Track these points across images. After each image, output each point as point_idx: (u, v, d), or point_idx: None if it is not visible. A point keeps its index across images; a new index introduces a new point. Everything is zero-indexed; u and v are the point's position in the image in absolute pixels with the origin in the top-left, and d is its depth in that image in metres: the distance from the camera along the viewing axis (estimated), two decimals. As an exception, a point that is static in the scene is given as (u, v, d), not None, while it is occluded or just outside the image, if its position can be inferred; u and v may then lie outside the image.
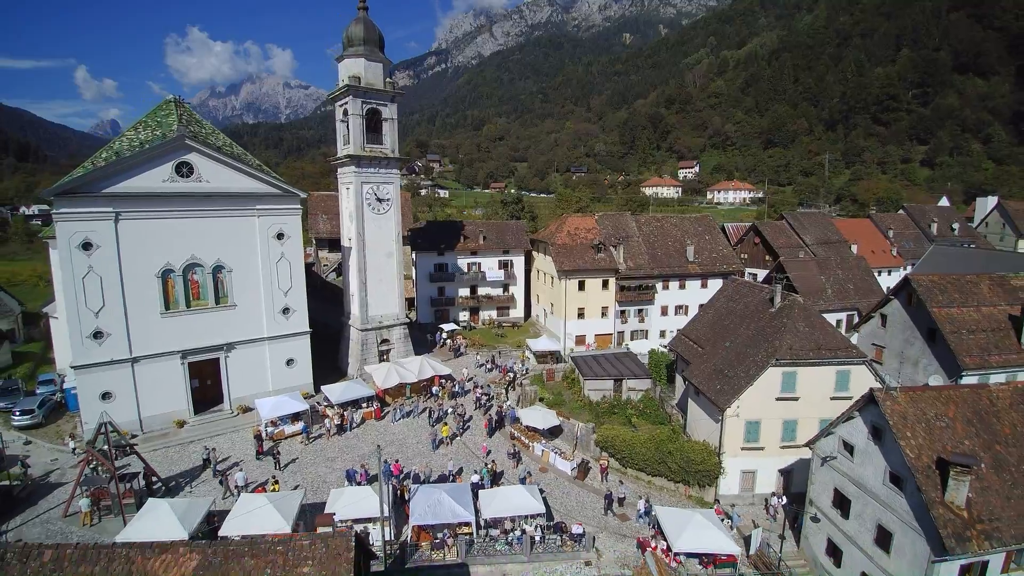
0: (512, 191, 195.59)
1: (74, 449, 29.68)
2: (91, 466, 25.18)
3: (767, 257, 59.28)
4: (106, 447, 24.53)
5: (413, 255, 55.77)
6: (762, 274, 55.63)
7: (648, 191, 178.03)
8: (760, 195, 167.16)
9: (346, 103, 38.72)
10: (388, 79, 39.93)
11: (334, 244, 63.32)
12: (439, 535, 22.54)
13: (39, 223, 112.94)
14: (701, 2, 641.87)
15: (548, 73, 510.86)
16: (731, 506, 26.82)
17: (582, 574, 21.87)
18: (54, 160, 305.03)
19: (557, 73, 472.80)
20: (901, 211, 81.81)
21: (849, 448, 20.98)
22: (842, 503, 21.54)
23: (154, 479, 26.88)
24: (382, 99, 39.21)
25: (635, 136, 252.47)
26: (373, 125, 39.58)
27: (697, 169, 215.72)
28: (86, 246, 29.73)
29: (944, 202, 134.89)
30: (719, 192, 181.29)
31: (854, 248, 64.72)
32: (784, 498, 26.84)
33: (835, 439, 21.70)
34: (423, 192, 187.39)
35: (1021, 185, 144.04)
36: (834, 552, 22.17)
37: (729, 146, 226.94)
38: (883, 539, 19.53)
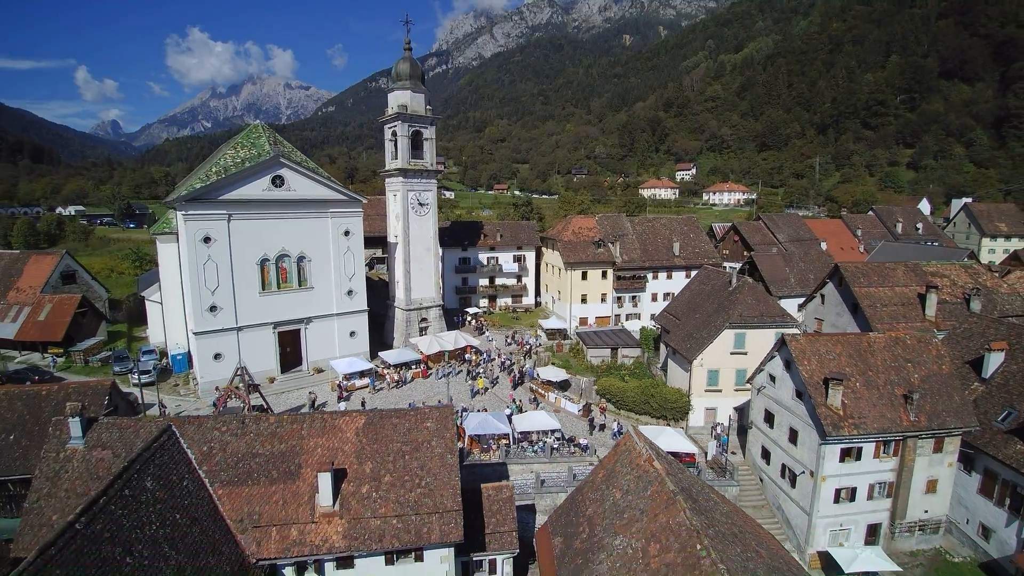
0: (515, 193, 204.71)
1: (217, 387, 38.32)
2: (226, 401, 34.25)
3: (745, 252, 68.28)
4: (241, 385, 33.58)
5: (440, 250, 64.71)
6: (739, 266, 64.60)
7: (646, 193, 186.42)
8: (754, 196, 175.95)
9: (395, 126, 47.82)
10: (427, 106, 49.01)
11: (368, 242, 72.35)
12: (486, 444, 31.64)
13: (84, 222, 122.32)
14: (700, 3, 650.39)
15: (548, 75, 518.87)
16: (681, 426, 35.97)
17: (588, 471, 30.84)
18: (67, 163, 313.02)
19: (557, 75, 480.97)
20: (871, 212, 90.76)
21: (772, 378, 30.05)
22: (769, 418, 30.61)
23: (269, 413, 35.88)
24: (424, 123, 48.39)
25: (634, 138, 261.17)
26: (416, 144, 48.67)
27: (694, 171, 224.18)
28: (206, 240, 38.83)
29: (925, 203, 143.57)
30: (714, 194, 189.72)
31: (823, 245, 73.66)
32: (719, 428, 35.96)
33: (765, 374, 30.77)
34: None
35: (999, 187, 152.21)
36: (765, 455, 31.25)
37: (725, 149, 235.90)
38: (793, 437, 28.61)
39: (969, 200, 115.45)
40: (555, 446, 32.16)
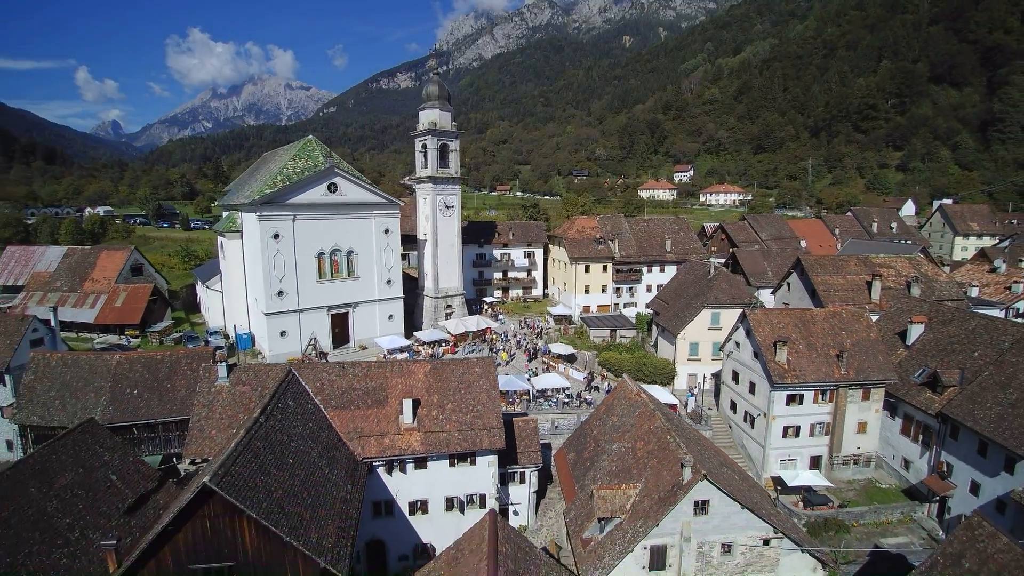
0: (518, 194, 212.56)
1: (290, 358, 46.41)
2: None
3: (731, 249, 76.22)
4: (313, 353, 41.60)
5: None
6: (723, 260, 72.53)
7: (645, 194, 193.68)
8: (749, 197, 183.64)
9: (425, 140, 55.89)
10: (453, 122, 57.05)
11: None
12: (510, 399, 39.69)
13: (119, 222, 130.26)
14: (700, 5, 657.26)
15: (549, 76, 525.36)
16: (668, 388, 44.03)
17: (591, 419, 38.85)
18: (79, 164, 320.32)
19: (558, 76, 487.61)
20: (849, 213, 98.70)
21: (737, 344, 38.09)
22: (736, 376, 38.66)
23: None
24: (450, 137, 56.48)
25: (633, 140, 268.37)
26: (442, 154, 56.72)
27: (692, 173, 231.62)
28: (276, 236, 46.86)
29: (910, 204, 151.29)
30: (711, 195, 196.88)
31: (803, 243, 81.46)
32: (695, 388, 43.93)
33: (732, 342, 38.82)
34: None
35: (981, 189, 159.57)
36: (733, 407, 39.32)
37: (722, 151, 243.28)
38: (752, 388, 36.68)
39: (947, 201, 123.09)
40: (565, 401, 40.21)
